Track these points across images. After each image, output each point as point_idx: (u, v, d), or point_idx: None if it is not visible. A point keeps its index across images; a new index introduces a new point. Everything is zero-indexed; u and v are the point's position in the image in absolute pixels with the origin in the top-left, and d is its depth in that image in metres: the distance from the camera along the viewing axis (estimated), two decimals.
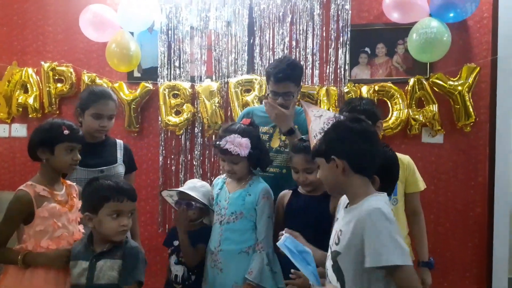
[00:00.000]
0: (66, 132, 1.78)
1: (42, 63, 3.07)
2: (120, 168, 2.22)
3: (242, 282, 1.93)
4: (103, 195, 1.64)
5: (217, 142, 1.98)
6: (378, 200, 1.34)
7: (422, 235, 2.12)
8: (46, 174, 1.81)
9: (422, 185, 2.12)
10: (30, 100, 3.06)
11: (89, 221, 1.68)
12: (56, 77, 3.07)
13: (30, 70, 3.09)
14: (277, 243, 1.51)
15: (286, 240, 1.48)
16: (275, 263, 1.94)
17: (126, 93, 3.00)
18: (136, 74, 3.06)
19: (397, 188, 1.99)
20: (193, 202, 2.11)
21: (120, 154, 2.25)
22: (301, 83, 2.32)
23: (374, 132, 1.45)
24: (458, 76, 2.64)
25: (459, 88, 2.60)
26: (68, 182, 1.91)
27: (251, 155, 1.96)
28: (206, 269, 2.04)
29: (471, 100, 2.60)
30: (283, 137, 2.22)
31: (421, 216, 2.14)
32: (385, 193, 1.43)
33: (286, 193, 2.07)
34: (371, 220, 1.27)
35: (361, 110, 1.96)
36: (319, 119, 1.69)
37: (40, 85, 3.09)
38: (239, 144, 1.93)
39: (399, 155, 2.05)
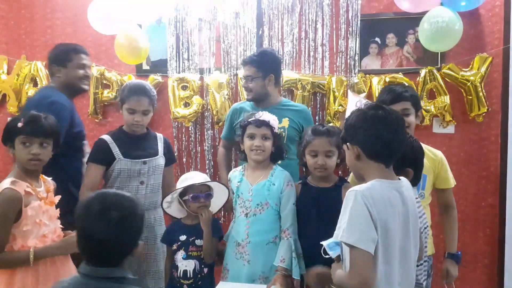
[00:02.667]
0: (19, 124, 1.70)
1: None
2: (161, 160, 2.30)
3: (269, 271, 1.94)
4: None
5: (251, 118, 2.01)
6: (368, 184, 1.37)
7: (453, 228, 2.14)
8: (24, 169, 1.75)
9: (453, 182, 2.11)
10: None
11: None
12: None
13: (39, 64, 3.10)
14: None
15: None
16: (299, 251, 1.95)
17: None
18: (145, 66, 3.06)
19: (426, 182, 1.98)
20: (211, 192, 2.11)
21: (161, 147, 2.33)
22: (270, 74, 2.38)
23: (393, 119, 1.42)
24: (470, 66, 2.61)
25: (472, 78, 2.57)
26: (45, 177, 1.86)
27: (277, 136, 2.03)
28: (227, 262, 2.04)
29: (483, 90, 2.58)
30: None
31: (454, 211, 2.15)
32: (400, 180, 1.45)
33: (296, 186, 2.06)
34: (345, 199, 1.37)
35: (407, 97, 1.97)
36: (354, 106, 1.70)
37: (49, 78, 3.08)
38: (274, 119, 2.03)
39: (432, 149, 2.06)
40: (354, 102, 1.80)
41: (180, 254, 2.08)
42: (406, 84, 2.55)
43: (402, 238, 1.39)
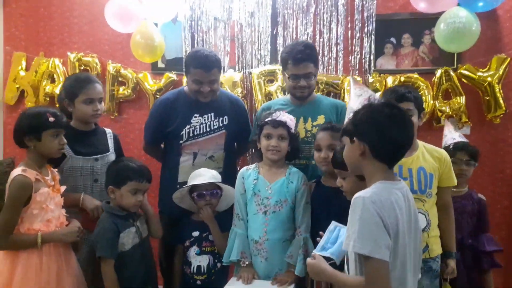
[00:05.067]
0: (51, 119, 1.87)
1: (68, 53, 3.12)
2: (112, 156, 2.23)
3: (286, 268, 1.96)
4: (127, 175, 1.97)
5: (268, 118, 2.01)
6: (374, 189, 1.31)
7: (452, 227, 2.11)
8: (35, 160, 1.89)
9: (455, 180, 2.10)
10: (57, 90, 3.11)
11: (111, 193, 2.00)
12: (82, 68, 3.12)
13: (56, 61, 3.14)
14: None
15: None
16: (310, 248, 1.94)
17: (150, 83, 3.03)
18: (160, 64, 3.08)
19: (433, 181, 1.98)
20: (218, 191, 2.13)
21: (111, 143, 2.26)
22: (318, 67, 2.31)
23: (406, 120, 1.38)
24: (488, 67, 2.59)
25: (489, 79, 2.54)
26: (51, 168, 1.99)
27: (293, 136, 2.03)
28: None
29: (501, 91, 2.55)
30: (309, 126, 2.22)
31: (452, 209, 2.13)
32: (401, 181, 1.41)
33: (310, 185, 2.08)
34: (352, 207, 1.30)
35: (411, 98, 1.96)
36: (358, 98, 1.68)
37: (67, 75, 3.13)
38: (290, 119, 2.04)
39: (437, 149, 2.05)
40: (358, 93, 1.76)
41: (193, 250, 2.10)
42: (410, 86, 2.53)
43: (409, 240, 1.35)
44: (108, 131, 2.32)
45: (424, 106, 2.56)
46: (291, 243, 1.97)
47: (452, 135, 2.39)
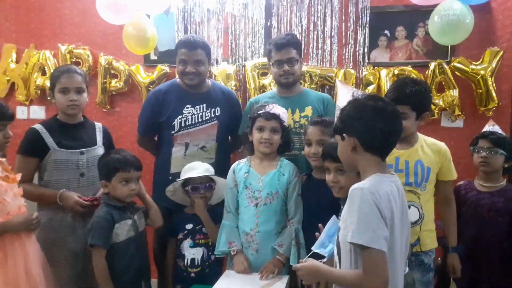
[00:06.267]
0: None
1: (60, 45, 3.08)
2: (99, 150, 2.19)
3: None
4: (114, 167, 1.97)
5: (261, 111, 2.01)
6: (371, 180, 1.33)
7: (453, 222, 2.11)
8: None
9: (455, 174, 2.08)
10: (48, 83, 3.08)
11: (105, 187, 2.00)
12: (74, 60, 3.08)
13: (47, 53, 3.11)
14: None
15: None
16: (301, 240, 1.96)
17: (143, 76, 3.01)
18: (153, 57, 3.06)
19: (430, 175, 1.97)
20: (212, 184, 2.12)
21: (99, 137, 2.23)
22: (302, 57, 2.34)
23: (391, 111, 1.39)
24: (481, 60, 2.59)
25: (482, 72, 2.55)
26: (0, 160, 1.91)
27: (285, 129, 2.03)
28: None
29: (494, 84, 2.55)
30: (297, 117, 2.23)
31: (453, 203, 2.12)
32: (394, 175, 1.42)
33: (301, 177, 2.09)
34: (350, 198, 1.31)
35: (406, 101, 1.85)
36: (345, 96, 1.68)
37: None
38: (283, 112, 2.05)
39: (436, 142, 2.03)
40: (345, 92, 1.77)
41: (187, 242, 2.11)
42: (417, 79, 2.23)
43: (401, 232, 1.37)
44: (98, 124, 2.29)
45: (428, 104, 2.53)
46: (282, 232, 1.98)
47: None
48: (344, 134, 1.40)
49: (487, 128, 2.25)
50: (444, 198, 2.10)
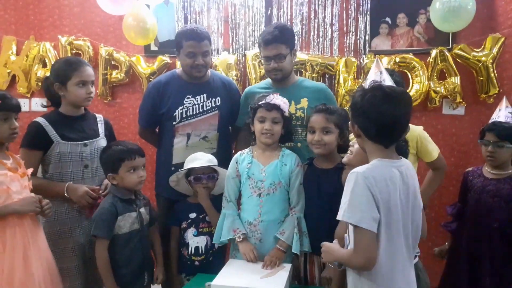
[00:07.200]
0: None
1: (60, 37, 3.07)
2: (102, 141, 2.19)
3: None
4: (118, 157, 1.97)
5: (262, 101, 2.00)
6: (370, 165, 1.41)
7: (430, 184, 2.34)
8: None
9: (435, 154, 2.23)
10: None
11: (113, 180, 2.00)
12: (74, 51, 3.07)
13: (47, 45, 3.10)
14: None
15: None
16: (303, 229, 1.98)
17: (143, 66, 3.00)
18: (153, 47, 3.05)
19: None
20: (215, 174, 2.14)
21: (101, 128, 2.23)
22: (295, 48, 2.31)
23: (386, 102, 1.39)
24: (482, 46, 2.58)
25: (483, 59, 2.54)
26: (13, 154, 1.93)
27: (287, 119, 2.04)
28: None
29: (495, 71, 2.55)
30: (293, 109, 2.23)
31: (441, 171, 2.31)
32: (401, 159, 1.47)
33: (302, 167, 2.08)
34: (347, 181, 1.40)
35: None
36: (366, 82, 1.69)
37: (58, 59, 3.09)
38: (284, 102, 2.03)
39: (411, 126, 2.02)
40: (371, 76, 1.76)
41: (191, 231, 2.13)
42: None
43: (403, 215, 1.41)
44: (99, 116, 2.29)
45: (420, 87, 2.64)
46: (284, 221, 2.00)
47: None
48: (350, 122, 1.51)
49: (504, 110, 2.19)
50: (434, 168, 2.33)
